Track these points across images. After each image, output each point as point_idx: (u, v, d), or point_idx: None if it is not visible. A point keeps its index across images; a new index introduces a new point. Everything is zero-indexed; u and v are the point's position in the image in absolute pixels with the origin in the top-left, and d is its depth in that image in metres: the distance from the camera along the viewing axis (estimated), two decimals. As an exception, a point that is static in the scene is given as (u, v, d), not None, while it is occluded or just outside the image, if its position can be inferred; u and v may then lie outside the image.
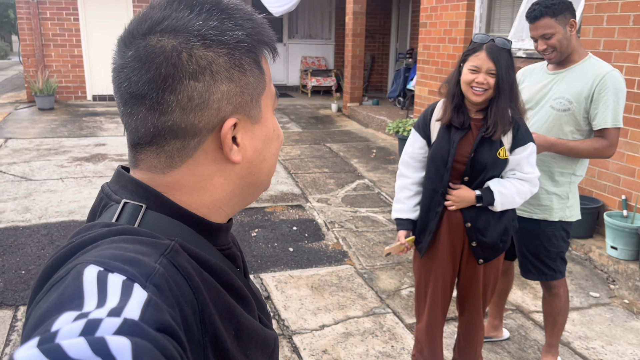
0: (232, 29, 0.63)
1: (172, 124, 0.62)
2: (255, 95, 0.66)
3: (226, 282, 0.65)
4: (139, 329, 0.45)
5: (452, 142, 2.13)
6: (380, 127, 8.51)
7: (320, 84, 12.44)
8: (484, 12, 6.02)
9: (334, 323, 3.11)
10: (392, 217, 2.39)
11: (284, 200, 5.17)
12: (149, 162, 0.65)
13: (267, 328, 0.72)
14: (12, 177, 5.61)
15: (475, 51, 2.05)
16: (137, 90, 0.61)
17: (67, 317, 0.45)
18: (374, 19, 12.65)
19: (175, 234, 0.62)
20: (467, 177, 2.15)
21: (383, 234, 4.43)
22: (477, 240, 2.19)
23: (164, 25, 0.61)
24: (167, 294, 0.52)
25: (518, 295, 3.50)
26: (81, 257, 0.55)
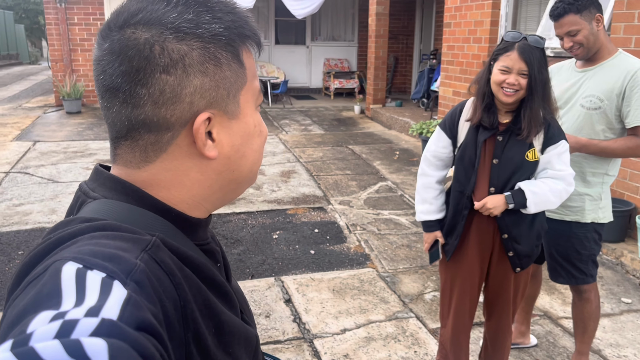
0: (209, 22, 0.61)
1: (145, 117, 0.61)
2: (232, 90, 0.64)
3: (208, 277, 0.64)
4: (116, 330, 0.44)
5: (479, 142, 2.07)
6: (404, 129, 8.42)
7: (343, 85, 12.40)
8: (510, 11, 5.91)
9: (356, 327, 3.06)
10: (418, 218, 2.29)
11: (305, 203, 5.14)
12: (125, 156, 0.64)
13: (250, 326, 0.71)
14: (40, 180, 5.71)
15: (507, 50, 1.96)
16: (111, 83, 0.61)
17: (44, 318, 0.44)
18: (397, 21, 12.56)
19: (156, 229, 0.61)
20: (493, 188, 2.07)
21: (406, 237, 4.36)
22: (514, 250, 2.12)
23: (138, 17, 0.60)
24: (148, 291, 0.51)
25: (546, 301, 3.40)
26: (60, 253, 0.53)
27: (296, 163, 6.60)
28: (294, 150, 7.30)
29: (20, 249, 3.98)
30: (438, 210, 2.23)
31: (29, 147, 7.20)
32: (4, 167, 6.18)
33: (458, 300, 2.24)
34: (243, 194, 5.31)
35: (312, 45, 12.92)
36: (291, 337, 2.95)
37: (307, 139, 8.02)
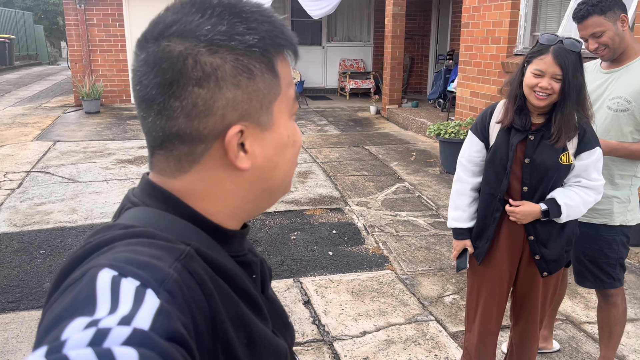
0: (243, 34, 0.61)
1: (178, 129, 0.61)
2: (265, 102, 0.64)
3: (240, 289, 0.64)
4: (147, 340, 0.45)
5: (511, 145, 2.03)
6: (420, 130, 8.38)
7: (359, 86, 12.38)
8: (530, 11, 5.84)
9: (375, 330, 3.05)
10: (449, 225, 2.28)
11: (323, 204, 5.14)
12: (160, 165, 0.65)
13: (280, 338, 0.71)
14: (60, 179, 5.77)
15: (541, 53, 1.92)
16: (146, 95, 0.61)
17: (78, 325, 0.45)
18: (413, 21, 12.51)
19: (192, 238, 0.62)
20: (526, 187, 2.04)
21: (424, 239, 4.34)
22: (541, 254, 2.09)
23: (173, 29, 0.60)
24: (179, 300, 0.52)
25: (568, 305, 3.35)
26: (97, 259, 0.55)
27: (313, 164, 6.60)
28: (310, 150, 7.30)
29: (42, 248, 4.03)
30: (470, 218, 2.21)
31: (49, 146, 7.29)
32: (25, 166, 6.26)
33: (485, 304, 2.22)
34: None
35: (327, 45, 12.91)
36: (311, 339, 2.94)
37: (324, 140, 8.01)
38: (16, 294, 3.35)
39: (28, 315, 3.13)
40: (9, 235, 4.25)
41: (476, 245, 2.20)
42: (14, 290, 3.40)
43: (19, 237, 4.21)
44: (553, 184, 2.04)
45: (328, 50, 12.93)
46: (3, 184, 5.58)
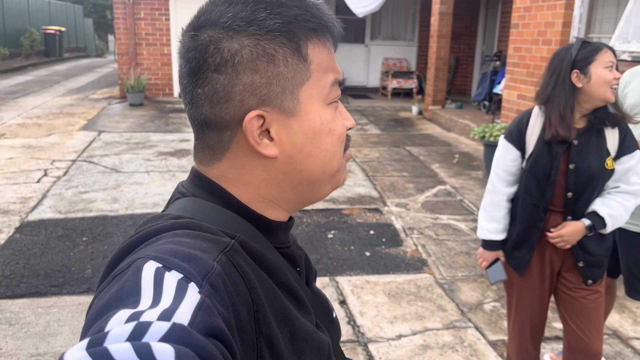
0: (264, 19, 0.60)
1: (205, 117, 0.62)
2: (289, 87, 0.62)
3: (283, 282, 0.63)
4: (186, 336, 0.45)
5: (556, 153, 1.96)
6: (464, 132, 8.20)
7: (401, 85, 12.23)
8: (584, 12, 5.62)
9: (412, 334, 2.98)
10: (483, 236, 2.21)
11: (361, 203, 5.08)
12: (199, 155, 0.67)
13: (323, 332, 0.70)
14: (103, 169, 5.90)
15: (600, 49, 1.92)
16: (182, 86, 0.64)
17: (121, 317, 0.46)
18: (460, 20, 12.27)
19: (238, 230, 0.62)
20: (570, 194, 1.98)
21: (465, 244, 4.23)
22: (584, 260, 2.02)
23: (201, 20, 0.62)
24: (222, 294, 0.52)
25: (615, 319, 3.20)
26: (144, 249, 0.56)
27: (352, 162, 6.54)
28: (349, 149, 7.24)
29: (85, 235, 4.12)
30: (504, 229, 2.16)
31: (94, 137, 7.48)
32: (71, 155, 6.43)
33: (528, 314, 2.15)
34: (299, 192, 5.31)
35: (371, 44, 12.81)
36: (345, 340, 2.90)
37: (363, 139, 7.94)
38: (59, 279, 3.43)
39: (70, 300, 3.19)
40: (54, 221, 4.37)
41: (514, 255, 2.13)
42: (57, 275, 3.47)
43: (63, 224, 4.31)
44: (599, 189, 2.00)
45: (371, 49, 12.83)
46: (50, 171, 5.74)
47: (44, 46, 20.16)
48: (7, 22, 18.24)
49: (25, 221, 4.34)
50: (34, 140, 7.13)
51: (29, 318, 2.99)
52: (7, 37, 18.15)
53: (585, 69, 1.91)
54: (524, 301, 2.15)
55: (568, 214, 2.02)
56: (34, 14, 20.85)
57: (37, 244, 3.93)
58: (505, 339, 2.95)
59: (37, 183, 5.31)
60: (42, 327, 2.91)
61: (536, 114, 2.04)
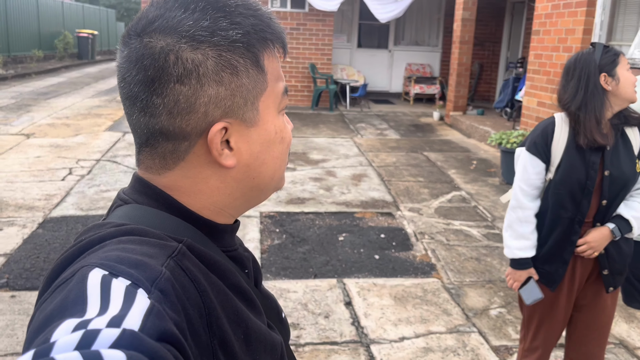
0: (226, 29, 0.59)
1: (161, 127, 0.60)
2: (250, 98, 0.62)
3: (234, 284, 0.63)
4: (137, 341, 0.44)
5: (591, 163, 1.90)
6: (483, 138, 8.16)
7: (424, 91, 12.21)
8: (606, 20, 5.56)
9: (415, 337, 3.01)
10: (512, 255, 2.07)
11: (374, 207, 5.11)
12: (147, 162, 0.64)
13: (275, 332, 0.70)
14: (126, 168, 6.08)
15: (620, 53, 1.94)
16: (130, 92, 0.61)
17: (67, 326, 0.45)
18: (484, 27, 12.20)
19: (184, 235, 0.61)
20: (605, 201, 1.95)
21: (476, 250, 4.23)
22: (609, 268, 2.01)
23: (155, 25, 0.59)
24: (172, 299, 0.51)
25: (623, 329, 3.17)
26: (87, 257, 0.54)
27: (368, 167, 6.58)
28: (367, 154, 7.28)
29: (103, 231, 4.26)
30: (534, 245, 2.05)
31: (119, 137, 7.69)
32: (95, 155, 6.63)
33: (550, 328, 2.13)
34: (312, 194, 5.38)
35: (394, 49, 12.82)
36: (348, 340, 2.95)
37: (382, 144, 7.97)
38: (76, 273, 3.56)
39: (84, 294, 3.31)
40: (75, 218, 4.53)
41: (545, 269, 2.05)
42: (74, 269, 3.61)
43: (83, 220, 4.47)
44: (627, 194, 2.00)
45: (394, 54, 12.84)
46: (75, 170, 5.94)
47: (77, 49, 20.75)
48: (42, 26, 18.85)
49: (48, 217, 4.51)
50: (61, 139, 7.37)
51: (45, 309, 3.12)
52: (41, 39, 18.75)
53: (613, 72, 1.90)
54: (547, 317, 2.10)
55: (597, 221, 1.98)
56: (68, 18, 21.49)
57: (58, 239, 4.08)
58: (508, 344, 2.96)
59: (62, 181, 5.50)
60: (57, 318, 3.04)
61: (560, 122, 1.97)
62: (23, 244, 3.97)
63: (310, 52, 11.12)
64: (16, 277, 3.47)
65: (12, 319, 3.00)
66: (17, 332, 2.89)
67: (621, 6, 5.56)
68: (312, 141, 7.94)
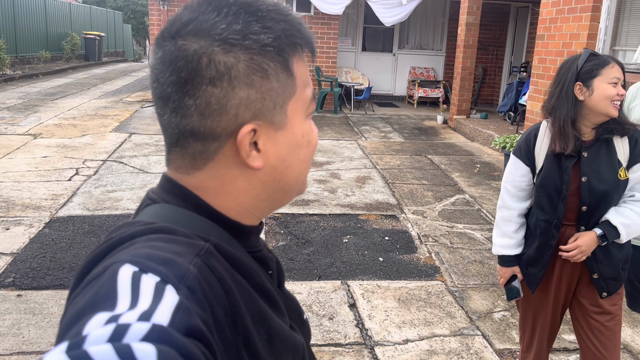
0: (258, 32, 0.61)
1: (192, 127, 0.62)
2: (279, 102, 0.64)
3: (258, 284, 0.65)
4: (166, 336, 0.46)
5: (566, 168, 1.94)
6: (487, 142, 8.18)
7: (427, 95, 12.23)
8: (610, 24, 5.58)
9: (419, 339, 3.03)
10: (496, 252, 2.19)
11: (378, 210, 5.14)
12: (176, 162, 0.66)
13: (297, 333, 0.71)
14: (132, 169, 6.11)
15: (607, 63, 1.88)
16: (162, 92, 0.62)
17: (99, 320, 0.47)
18: (488, 31, 12.22)
19: (211, 235, 0.63)
20: (585, 207, 1.96)
21: (479, 253, 4.24)
22: (599, 272, 2.01)
23: (189, 28, 0.61)
24: (199, 296, 0.53)
25: (627, 333, 3.18)
26: (118, 254, 0.56)
27: (372, 169, 6.60)
28: (371, 156, 7.30)
29: (109, 232, 4.29)
30: (518, 244, 2.13)
31: (125, 138, 7.73)
32: (102, 155, 6.68)
33: (541, 328, 2.17)
34: (317, 196, 5.40)
35: (398, 53, 12.85)
36: (352, 342, 2.97)
37: (386, 146, 7.99)
38: (82, 273, 3.59)
39: (91, 293, 3.34)
40: (82, 217, 4.56)
41: (528, 271, 2.11)
42: (81, 269, 3.64)
43: (90, 220, 4.51)
44: (614, 201, 1.96)
45: (399, 58, 12.87)
46: (81, 170, 5.98)
47: (84, 50, 20.87)
48: (49, 27, 18.96)
49: (54, 217, 4.55)
50: (68, 140, 7.42)
51: (52, 309, 3.15)
52: (49, 41, 18.86)
53: (589, 82, 1.88)
54: (540, 316, 2.15)
55: (581, 225, 2.00)
56: (75, 19, 21.61)
57: (64, 239, 4.12)
58: (512, 348, 2.97)
59: (68, 181, 5.54)
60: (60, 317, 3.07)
61: (544, 127, 2.02)
62: (29, 243, 4.00)
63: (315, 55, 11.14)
64: (22, 277, 3.50)
65: (17, 318, 3.03)
66: (22, 331, 2.91)
67: (626, 11, 5.57)
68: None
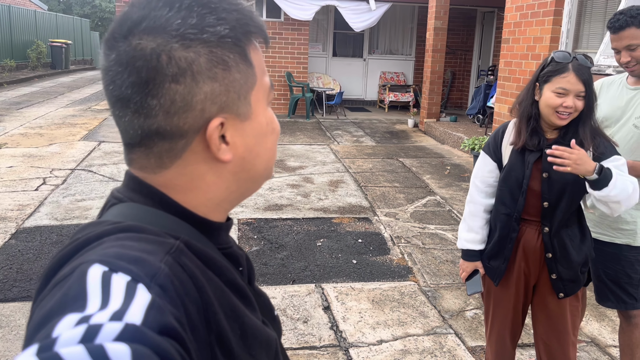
0: (214, 25, 0.60)
1: (158, 127, 0.60)
2: (242, 92, 0.63)
3: (230, 280, 0.64)
4: (139, 334, 0.45)
5: (527, 163, 2.00)
6: (457, 144, 8.31)
7: (398, 99, 12.38)
8: (572, 28, 5.74)
9: (393, 339, 3.05)
10: (460, 246, 2.23)
11: (351, 212, 5.17)
12: (141, 162, 0.64)
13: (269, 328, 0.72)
14: (102, 178, 6.02)
15: (561, 72, 1.87)
16: (121, 94, 0.60)
17: (69, 321, 0.45)
18: (456, 35, 12.44)
19: (180, 232, 0.62)
20: (546, 203, 2.00)
21: (451, 252, 4.31)
22: (557, 273, 2.05)
23: (142, 26, 0.59)
24: (171, 294, 0.52)
25: (594, 327, 3.26)
26: (86, 254, 0.55)
27: (345, 173, 6.64)
28: (344, 160, 7.35)
29: (79, 241, 4.21)
30: (482, 240, 2.18)
31: (94, 146, 7.60)
32: (70, 164, 6.55)
33: (502, 323, 2.20)
34: (290, 201, 5.40)
35: (369, 58, 12.97)
36: (327, 344, 2.97)
37: (358, 150, 8.05)
38: (51, 283, 3.52)
39: (60, 304, 3.27)
40: (49, 228, 4.47)
41: (490, 265, 2.16)
42: (49, 280, 3.56)
43: (58, 230, 4.41)
44: (575, 199, 2.00)
45: (369, 63, 12.99)
46: (49, 179, 5.86)
47: (50, 58, 20.44)
48: (14, 35, 18.53)
49: (21, 227, 4.44)
50: (34, 149, 7.26)
51: (19, 321, 3.08)
52: (14, 49, 18.43)
53: (542, 86, 1.94)
54: (500, 309, 2.19)
55: (545, 225, 2.04)
56: (41, 27, 21.17)
57: (31, 249, 4.02)
58: (484, 345, 3.02)
59: (35, 191, 5.42)
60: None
61: (512, 125, 2.08)
62: (-4, 255, 3.90)
63: (286, 61, 11.19)
64: (-11, 289, 3.41)
65: (-15, 331, 2.95)
66: (-10, 344, 2.84)
67: (586, 15, 5.75)
68: (289, 148, 7.97)
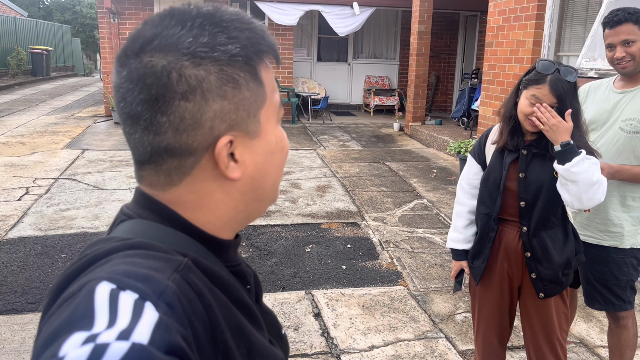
0: (225, 43, 0.60)
1: (167, 144, 0.61)
2: (252, 110, 0.64)
3: (237, 299, 0.64)
4: (146, 354, 0.45)
5: (505, 164, 2.07)
6: (442, 147, 8.36)
7: (383, 103, 12.42)
8: (554, 32, 5.82)
9: (384, 345, 3.05)
10: (447, 245, 2.34)
11: (339, 218, 5.16)
12: (150, 179, 0.65)
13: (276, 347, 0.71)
14: (86, 186, 5.94)
15: (538, 83, 1.92)
16: (131, 111, 0.61)
17: (76, 340, 0.45)
18: (440, 39, 12.53)
19: (188, 250, 0.62)
20: (523, 202, 2.04)
21: (439, 256, 4.32)
22: (537, 272, 2.07)
23: (154, 44, 0.60)
24: (179, 312, 0.52)
25: (582, 328, 3.29)
26: (94, 271, 0.55)
27: (332, 178, 6.64)
28: (330, 165, 7.35)
29: (64, 252, 4.15)
30: (466, 240, 2.24)
31: (78, 154, 7.51)
32: (53, 173, 6.46)
33: (487, 324, 2.22)
34: (278, 207, 5.38)
35: (353, 62, 13.01)
36: (318, 352, 2.96)
37: (345, 155, 8.06)
38: (36, 295, 3.46)
39: (46, 316, 3.22)
40: (34, 238, 4.40)
41: (473, 264, 2.21)
42: (34, 292, 3.50)
43: (42, 241, 4.34)
44: (551, 199, 2.02)
45: (354, 67, 13.03)
46: (32, 189, 5.77)
47: (31, 65, 20.17)
48: (-8, 42, 18.27)
49: (4, 239, 4.36)
50: (16, 158, 7.14)
51: (4, 335, 3.02)
52: (-8, 56, 18.17)
53: (520, 92, 2.02)
54: (485, 310, 2.22)
55: (523, 225, 2.06)
56: (21, 34, 20.89)
57: (15, 261, 3.95)
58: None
59: (18, 201, 5.33)
60: (17, 343, 2.94)
61: (496, 128, 2.15)
62: (-21, 267, 3.82)
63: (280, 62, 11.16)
64: (-28, 303, 3.34)
65: (-31, 346, 2.89)
66: (-25, 359, 2.78)
67: (568, 19, 5.83)
68: (276, 154, 7.94)
